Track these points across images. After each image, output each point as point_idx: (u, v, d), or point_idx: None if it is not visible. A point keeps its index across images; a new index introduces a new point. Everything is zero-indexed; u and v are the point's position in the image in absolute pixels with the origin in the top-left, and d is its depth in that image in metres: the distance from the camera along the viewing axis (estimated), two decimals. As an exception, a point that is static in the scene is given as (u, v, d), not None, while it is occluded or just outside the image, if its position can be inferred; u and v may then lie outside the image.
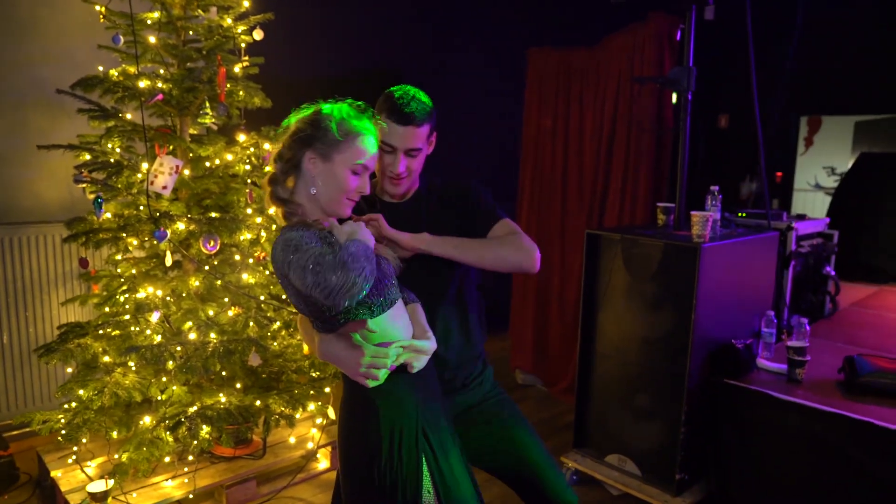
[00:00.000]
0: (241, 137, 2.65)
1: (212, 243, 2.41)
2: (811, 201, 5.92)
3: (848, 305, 3.87)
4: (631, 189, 3.61)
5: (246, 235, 2.61)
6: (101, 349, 2.46)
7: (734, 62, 4.69)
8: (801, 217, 3.71)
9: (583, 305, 2.98)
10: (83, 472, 2.60)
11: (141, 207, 2.47)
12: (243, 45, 2.67)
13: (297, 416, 2.73)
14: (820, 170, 6.00)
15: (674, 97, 3.17)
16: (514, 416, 1.86)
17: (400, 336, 1.47)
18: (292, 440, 2.94)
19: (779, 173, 5.52)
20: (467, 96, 4.89)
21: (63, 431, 2.35)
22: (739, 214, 3.45)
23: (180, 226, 2.41)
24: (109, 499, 2.40)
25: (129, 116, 2.61)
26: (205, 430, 2.39)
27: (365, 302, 1.41)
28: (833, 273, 3.67)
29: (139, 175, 2.46)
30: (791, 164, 5.62)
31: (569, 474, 3.01)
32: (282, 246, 1.35)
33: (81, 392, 2.35)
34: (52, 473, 2.60)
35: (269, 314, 2.70)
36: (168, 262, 2.43)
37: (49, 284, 3.15)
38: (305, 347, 2.83)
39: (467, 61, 4.91)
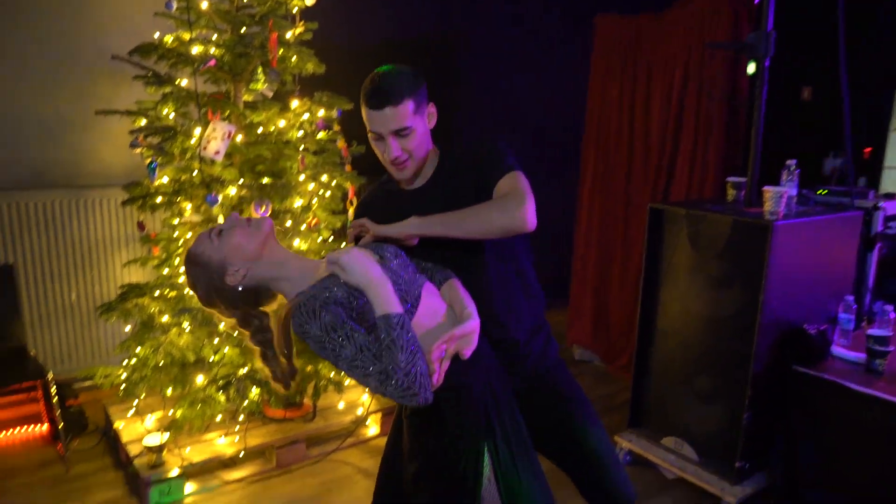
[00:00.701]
0: (295, 104, 2.63)
1: (263, 208, 2.41)
2: (904, 179, 5.47)
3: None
4: (700, 162, 3.41)
5: (298, 201, 2.60)
6: (157, 310, 2.52)
7: (823, 30, 4.35)
8: (891, 196, 3.42)
9: (644, 281, 2.85)
10: (142, 425, 2.69)
11: (195, 172, 2.49)
12: (296, 10, 2.64)
13: (347, 382, 2.73)
14: (916, 146, 5.53)
15: (749, 67, 2.95)
16: (578, 401, 1.75)
17: (437, 331, 1.37)
18: (341, 405, 2.96)
19: (867, 149, 5.12)
20: (531, 65, 4.74)
21: (123, 386, 2.43)
22: (820, 192, 3.21)
23: (232, 191, 2.42)
24: (164, 451, 2.48)
25: (184, 83, 2.63)
26: (254, 391, 2.42)
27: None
28: (924, 256, 3.38)
29: (193, 140, 2.48)
30: (882, 139, 5.21)
31: (622, 454, 2.91)
32: (314, 321, 1.26)
33: (139, 350, 2.42)
34: (115, 424, 2.72)
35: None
36: (220, 226, 2.45)
37: (113, 246, 3.26)
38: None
39: (532, 28, 4.75)
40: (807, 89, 5.08)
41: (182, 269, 2.57)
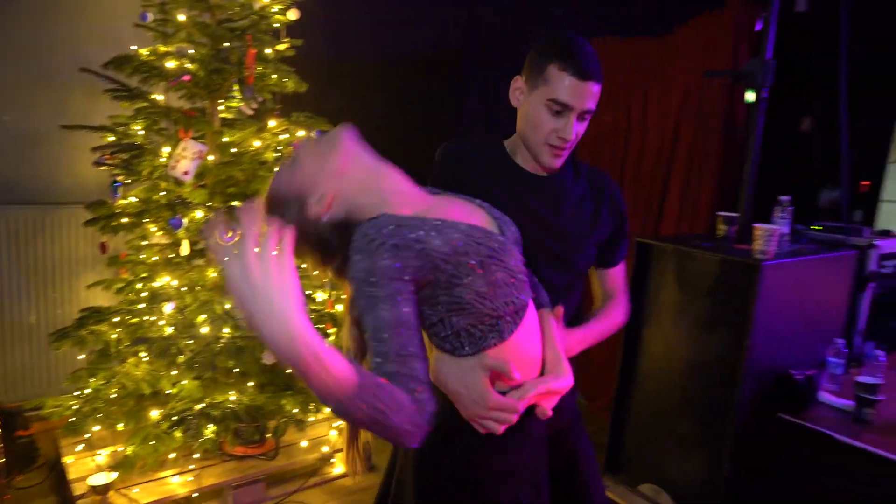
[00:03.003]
0: (272, 123, 2.54)
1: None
2: (900, 215, 5.38)
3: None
4: (693, 194, 3.33)
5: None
6: (115, 337, 2.41)
7: (825, 61, 4.29)
8: (886, 233, 3.32)
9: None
10: (93, 460, 2.56)
11: (163, 193, 2.39)
12: (278, 25, 2.55)
13: (312, 418, 2.61)
14: (913, 180, 5.45)
15: (748, 95, 2.88)
16: (592, 460, 1.54)
17: (536, 357, 1.15)
18: (304, 444, 2.83)
19: (865, 182, 5.04)
20: (501, 81, 4.66)
21: (72, 419, 2.31)
22: (814, 227, 3.12)
23: (199, 214, 2.32)
24: (111, 492, 2.35)
25: (160, 98, 2.55)
26: (210, 429, 2.30)
27: (494, 324, 1.08)
28: (919, 299, 3.28)
29: (162, 159, 2.39)
30: (880, 172, 5.13)
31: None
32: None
33: (92, 380, 2.30)
34: (63, 459, 2.57)
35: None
36: (184, 251, 2.34)
37: (79, 266, 3.14)
38: (327, 346, 2.71)
39: (509, 47, 4.66)
40: (806, 120, 5.01)
41: (143, 294, 2.48)
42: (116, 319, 2.43)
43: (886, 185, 5.34)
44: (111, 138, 2.43)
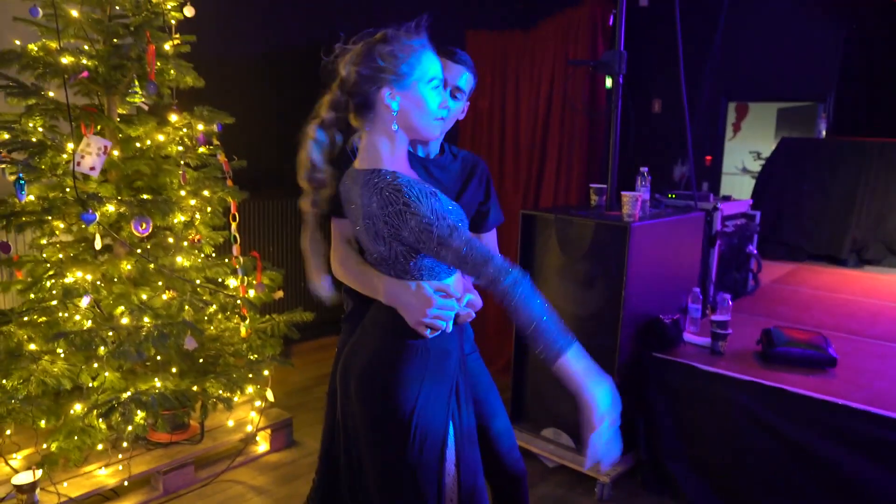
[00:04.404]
0: (174, 118, 2.59)
1: (143, 226, 2.35)
2: (738, 184, 6.19)
3: (769, 282, 4.08)
4: (565, 170, 3.71)
5: (179, 218, 2.56)
6: (25, 337, 2.38)
7: (668, 49, 4.86)
8: (727, 199, 3.88)
9: (519, 284, 3.05)
10: (7, 464, 2.51)
11: (67, 189, 2.39)
12: (174, 21, 2.60)
13: (236, 399, 2.71)
14: (747, 154, 6.27)
15: (607, 82, 3.27)
16: (490, 381, 1.92)
17: (459, 291, 1.52)
18: (231, 423, 2.93)
19: (708, 157, 5.74)
20: None
21: (-14, 422, 2.27)
22: (670, 196, 3.59)
23: (110, 208, 2.35)
24: (38, 490, 2.34)
25: (51, 94, 2.51)
26: (139, 415, 2.35)
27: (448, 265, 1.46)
28: (755, 252, 3.87)
29: (65, 155, 2.38)
30: (720, 148, 5.86)
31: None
32: (391, 191, 1.35)
33: (5, 381, 2.27)
34: (-21, 464, 2.51)
35: (204, 297, 2.67)
36: (98, 245, 2.36)
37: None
38: (243, 330, 2.81)
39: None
40: (657, 101, 5.63)
41: (54, 292, 2.46)
42: (25, 319, 2.39)
43: (725, 159, 6.13)
44: (6, 136, 2.38)
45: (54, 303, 2.40)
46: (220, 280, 2.80)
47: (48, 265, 2.51)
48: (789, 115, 5.87)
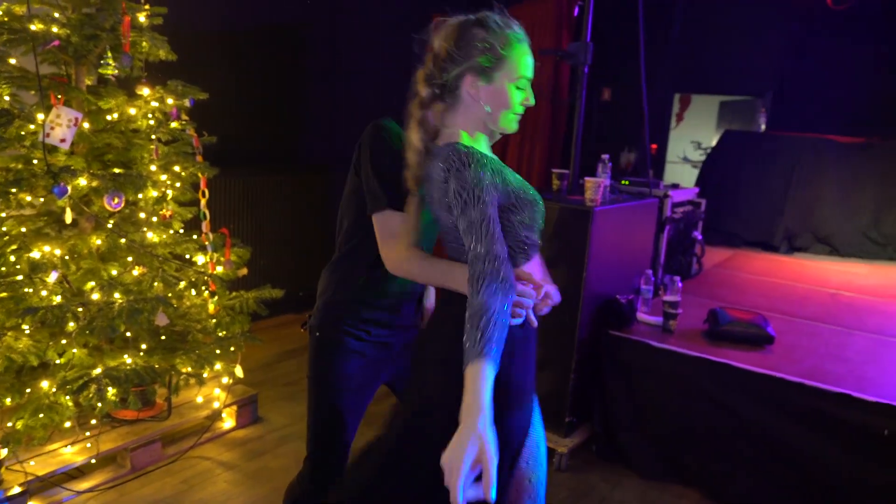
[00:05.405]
0: (146, 91, 2.54)
1: (116, 200, 2.32)
2: (679, 173, 6.48)
3: (711, 266, 4.35)
4: (528, 155, 3.83)
5: (152, 193, 2.53)
6: (-10, 312, 2.32)
7: (618, 38, 5.03)
8: (675, 186, 4.09)
9: (484, 265, 3.15)
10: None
11: (35, 161, 2.32)
12: (144, -9, 2.54)
13: (206, 374, 2.72)
14: (688, 144, 6.56)
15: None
16: None
17: (538, 279, 1.45)
18: (200, 399, 2.93)
19: (654, 146, 5.99)
20: (372, 58, 4.87)
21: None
22: (623, 182, 3.76)
23: (82, 181, 2.30)
24: (3, 469, 2.30)
25: (12, 61, 2.42)
26: (111, 391, 2.34)
27: (524, 248, 1.43)
28: (700, 237, 4.11)
29: (32, 126, 2.31)
30: (665, 137, 6.12)
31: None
32: (453, 153, 1.32)
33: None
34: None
35: (173, 273, 2.65)
36: (68, 219, 2.31)
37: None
38: (211, 307, 2.80)
39: (374, 22, 4.87)
40: (606, 90, 5.81)
41: (18, 266, 2.40)
42: (-12, 294, 2.33)
43: (669, 148, 6.40)
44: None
45: (20, 277, 2.34)
46: (187, 256, 2.79)
47: (7, 238, 2.44)
48: (731, 108, 6.18)
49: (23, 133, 2.32)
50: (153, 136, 2.55)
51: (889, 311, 3.64)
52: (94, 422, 2.57)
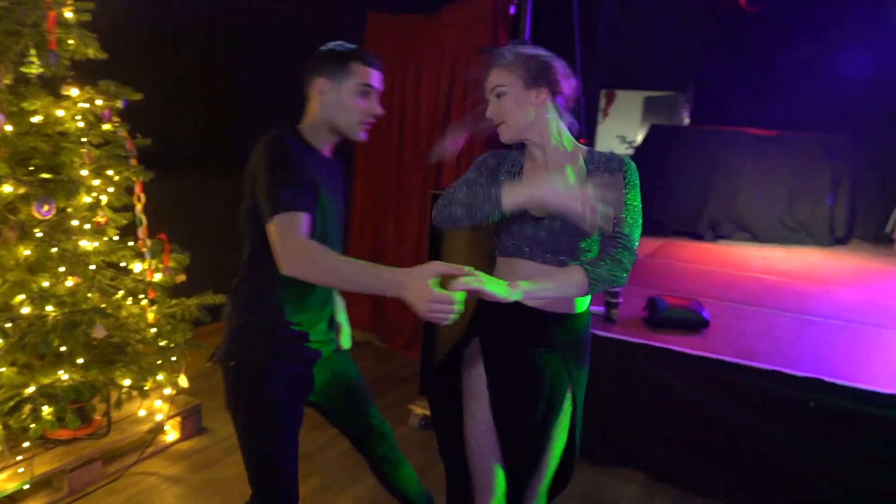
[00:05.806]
0: (74, 91, 2.41)
1: (46, 208, 2.19)
2: (607, 167, 6.67)
3: (643, 256, 4.51)
4: (466, 152, 3.85)
5: (84, 199, 2.40)
6: None
7: (546, 35, 5.14)
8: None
9: (428, 259, 3.16)
10: None
11: (-49, 168, 2.16)
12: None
13: (147, 387, 2.61)
14: (614, 139, 6.79)
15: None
16: (363, 380, 2.03)
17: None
18: (142, 413, 2.80)
19: (581, 140, 6.16)
20: (310, 58, 4.76)
21: None
22: (560, 177, 3.84)
23: (7, 188, 2.16)
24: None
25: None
26: (46, 410, 2.21)
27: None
28: (633, 228, 4.25)
29: (-53, 130, 2.15)
30: (592, 133, 6.30)
31: (417, 420, 3.21)
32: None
33: None
34: None
35: (109, 282, 2.53)
36: (-8, 228, 2.16)
37: None
38: (150, 315, 2.69)
39: (311, 21, 4.77)
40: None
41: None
42: None
43: (597, 144, 6.59)
44: None
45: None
46: (122, 265, 2.66)
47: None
48: (654, 104, 6.44)
49: (-62, 137, 2.15)
50: (84, 139, 2.42)
51: (807, 292, 3.89)
52: (26, 444, 2.41)
